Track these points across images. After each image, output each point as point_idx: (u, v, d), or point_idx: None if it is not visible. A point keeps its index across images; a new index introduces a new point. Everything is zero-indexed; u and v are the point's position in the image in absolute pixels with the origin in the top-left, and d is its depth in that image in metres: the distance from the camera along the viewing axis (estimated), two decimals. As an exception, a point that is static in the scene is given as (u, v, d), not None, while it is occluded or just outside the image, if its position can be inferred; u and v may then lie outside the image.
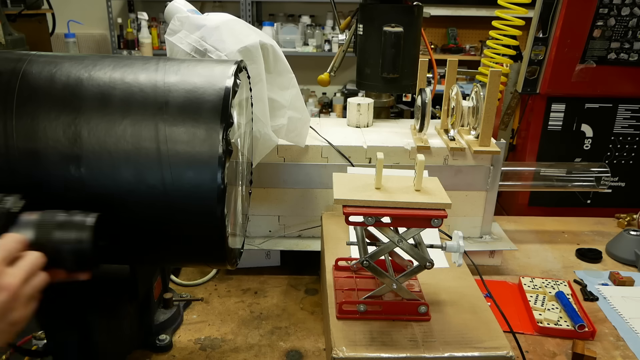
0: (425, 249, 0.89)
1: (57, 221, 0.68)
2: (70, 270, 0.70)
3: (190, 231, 0.78)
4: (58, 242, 0.67)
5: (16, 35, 2.65)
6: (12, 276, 0.61)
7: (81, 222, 0.68)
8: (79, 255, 0.68)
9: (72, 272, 0.70)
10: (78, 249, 0.68)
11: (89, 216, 0.69)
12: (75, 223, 0.68)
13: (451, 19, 4.47)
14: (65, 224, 0.68)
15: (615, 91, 1.69)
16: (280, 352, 1.04)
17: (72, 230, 0.68)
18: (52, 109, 0.75)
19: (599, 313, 1.17)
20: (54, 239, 0.67)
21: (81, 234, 0.68)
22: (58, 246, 0.67)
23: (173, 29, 1.15)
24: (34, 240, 0.66)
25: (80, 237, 0.68)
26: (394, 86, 1.54)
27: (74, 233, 0.68)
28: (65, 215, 0.69)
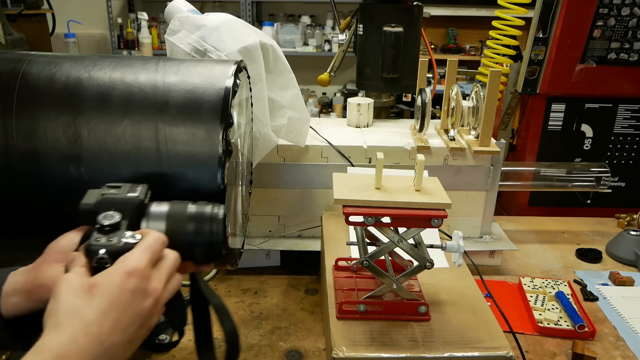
0: (425, 249, 0.89)
1: (189, 213, 0.66)
2: (199, 262, 0.68)
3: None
4: (190, 235, 0.65)
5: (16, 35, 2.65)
6: (157, 281, 0.59)
7: (214, 214, 0.67)
8: (211, 248, 0.66)
9: (200, 264, 0.69)
10: (210, 241, 0.66)
11: (220, 208, 0.67)
12: (207, 215, 0.66)
13: (451, 19, 4.47)
14: (197, 216, 0.66)
15: (615, 91, 1.69)
16: (280, 352, 1.04)
17: (206, 223, 0.66)
18: (52, 109, 0.75)
19: (599, 313, 1.17)
20: (187, 232, 0.65)
21: (214, 225, 0.66)
22: (190, 239, 0.65)
23: (173, 29, 1.15)
24: (166, 232, 0.64)
25: (213, 229, 0.66)
26: (394, 86, 1.54)
27: (207, 225, 0.66)
28: (196, 207, 0.67)
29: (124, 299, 0.55)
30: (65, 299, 0.54)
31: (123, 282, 0.56)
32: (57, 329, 0.52)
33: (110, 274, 0.56)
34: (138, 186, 0.66)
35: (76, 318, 0.53)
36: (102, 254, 0.58)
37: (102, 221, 0.60)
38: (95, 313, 0.53)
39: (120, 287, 0.55)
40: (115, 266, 0.57)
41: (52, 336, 0.51)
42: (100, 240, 0.59)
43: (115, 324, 0.54)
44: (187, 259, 0.66)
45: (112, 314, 0.54)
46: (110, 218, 0.61)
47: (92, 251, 0.58)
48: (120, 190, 0.65)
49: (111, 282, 0.55)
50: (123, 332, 0.55)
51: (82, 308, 0.53)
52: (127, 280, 0.56)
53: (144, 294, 0.57)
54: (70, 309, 0.53)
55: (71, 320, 0.52)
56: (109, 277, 0.56)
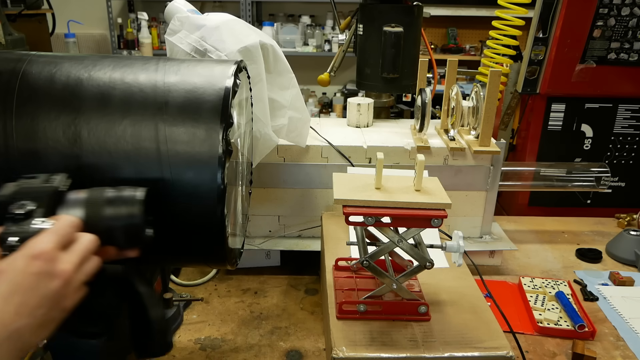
0: (425, 249, 0.89)
1: (106, 197, 0.66)
2: (121, 247, 0.68)
3: (190, 231, 0.78)
4: (109, 219, 0.65)
5: (16, 35, 2.65)
6: (66, 262, 0.59)
7: (131, 196, 0.67)
8: (130, 231, 0.66)
9: (123, 249, 0.69)
10: (130, 224, 0.66)
11: (138, 190, 0.68)
12: (126, 198, 0.66)
13: (451, 19, 4.47)
14: (115, 200, 0.66)
15: (615, 91, 1.69)
16: (280, 352, 1.04)
17: (123, 206, 0.66)
18: (52, 109, 0.75)
19: (599, 313, 1.17)
20: (105, 216, 0.65)
21: (132, 208, 0.66)
22: (109, 223, 0.65)
23: (173, 29, 1.15)
24: (84, 218, 0.64)
25: (132, 212, 0.66)
26: (394, 86, 1.54)
27: (125, 208, 0.66)
28: (114, 191, 0.67)
29: (27, 282, 0.56)
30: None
31: (26, 265, 0.56)
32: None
33: (14, 258, 0.57)
34: (56, 175, 0.67)
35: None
36: (12, 241, 0.58)
37: (14, 210, 0.60)
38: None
39: (23, 270, 0.56)
40: (20, 251, 0.57)
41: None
42: (12, 228, 0.59)
43: (20, 308, 0.54)
44: (108, 243, 0.66)
45: (15, 298, 0.54)
46: (23, 207, 0.61)
47: (2, 239, 0.59)
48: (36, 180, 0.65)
49: (14, 266, 0.56)
50: (30, 316, 0.55)
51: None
52: (31, 264, 0.56)
53: (50, 276, 0.57)
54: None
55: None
56: (12, 262, 0.56)
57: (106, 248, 0.66)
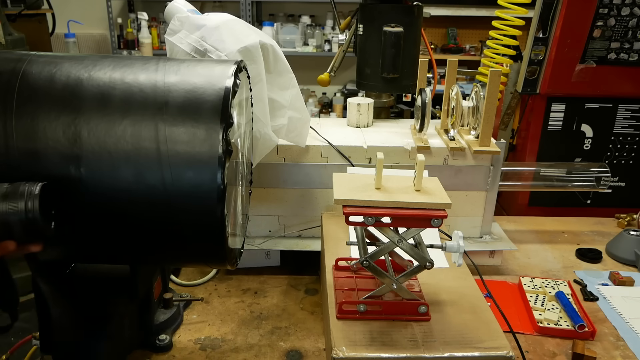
0: (425, 249, 0.89)
1: (1, 192, 0.67)
2: (20, 241, 0.69)
3: (190, 231, 0.78)
4: (5, 214, 0.66)
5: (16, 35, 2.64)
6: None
7: (27, 191, 0.68)
8: (28, 225, 0.67)
9: (22, 243, 0.69)
10: (26, 218, 0.67)
11: (35, 185, 0.69)
12: (21, 192, 0.68)
13: (451, 19, 4.47)
14: (10, 194, 0.67)
15: (615, 91, 1.69)
16: (280, 352, 1.04)
17: (19, 200, 0.67)
18: (52, 109, 0.75)
19: (599, 313, 1.17)
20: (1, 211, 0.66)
21: (28, 203, 0.67)
22: (5, 217, 0.66)
23: (173, 29, 1.15)
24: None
25: (28, 207, 0.67)
26: (394, 86, 1.53)
27: (21, 203, 0.67)
28: (9, 186, 0.68)
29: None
30: None
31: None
32: None
33: None
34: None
35: None
36: None
37: None
38: None
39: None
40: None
41: None
42: None
43: None
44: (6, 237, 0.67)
45: None
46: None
47: None
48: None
49: None
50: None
51: None
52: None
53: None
54: None
55: None
56: None
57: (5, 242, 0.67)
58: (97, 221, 0.77)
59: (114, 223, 0.76)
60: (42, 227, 0.68)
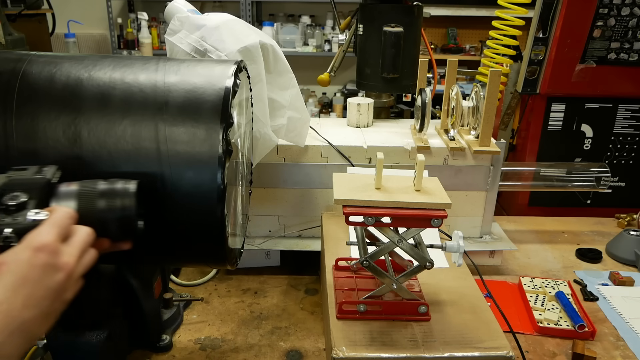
0: (425, 249, 0.89)
1: (99, 190, 0.66)
2: (114, 239, 0.68)
3: (190, 231, 0.78)
4: (102, 212, 0.66)
5: (16, 35, 2.65)
6: (68, 255, 0.59)
7: (124, 189, 0.67)
8: (123, 223, 0.67)
9: (116, 241, 0.69)
10: (123, 216, 0.66)
11: (131, 183, 0.68)
12: (118, 190, 0.67)
13: (451, 19, 4.47)
14: (107, 192, 0.66)
15: (615, 91, 1.69)
16: (280, 352, 1.04)
17: (116, 198, 0.66)
18: (52, 109, 0.75)
19: (599, 313, 1.17)
20: (98, 209, 0.66)
21: (125, 201, 0.66)
22: (102, 215, 0.66)
23: (173, 29, 1.15)
24: (77, 210, 0.64)
25: (124, 205, 0.66)
26: (394, 86, 1.53)
27: (118, 201, 0.66)
28: (106, 184, 0.67)
29: (34, 275, 0.56)
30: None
31: (31, 257, 0.56)
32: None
33: (17, 251, 0.57)
34: (46, 167, 0.67)
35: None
36: (7, 232, 0.58)
37: (6, 202, 0.61)
38: (5, 291, 0.54)
39: (29, 263, 0.56)
40: (22, 243, 0.57)
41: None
42: (5, 220, 0.59)
43: (27, 300, 0.55)
44: (102, 235, 0.66)
45: (23, 290, 0.55)
46: (15, 198, 0.61)
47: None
48: (27, 172, 0.66)
49: (19, 259, 0.56)
50: (36, 307, 0.56)
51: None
52: (36, 256, 0.56)
53: (54, 268, 0.58)
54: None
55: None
56: (16, 254, 0.56)
57: (100, 240, 0.67)
58: (97, 221, 0.77)
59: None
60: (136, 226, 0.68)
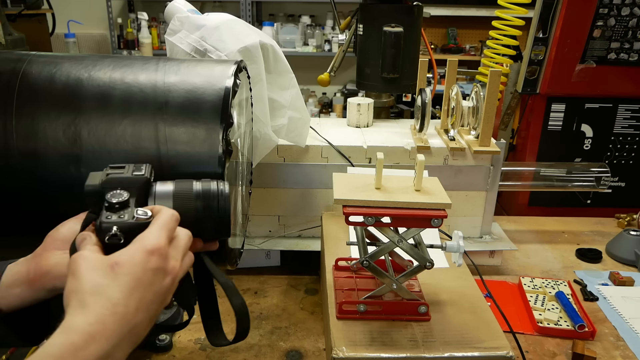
0: (425, 249, 0.89)
1: (195, 191, 0.66)
2: (207, 240, 0.68)
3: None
4: (199, 212, 0.65)
5: (16, 35, 2.65)
6: (175, 259, 0.59)
7: (220, 190, 0.67)
8: (219, 224, 0.66)
9: (208, 242, 0.69)
10: (218, 217, 0.66)
11: (225, 184, 0.67)
12: (214, 192, 0.66)
13: (451, 19, 4.47)
14: (204, 194, 0.66)
15: (615, 91, 1.69)
16: (280, 352, 1.04)
17: (213, 199, 0.66)
18: (52, 109, 0.75)
19: (599, 313, 1.17)
20: (195, 209, 0.65)
21: (220, 201, 0.66)
22: (199, 216, 0.65)
23: (173, 29, 1.15)
24: None
25: (220, 206, 0.66)
26: (394, 86, 1.54)
27: (214, 201, 0.66)
28: (202, 184, 0.67)
29: (147, 278, 0.55)
30: (89, 278, 0.53)
31: (145, 260, 0.55)
32: (83, 309, 0.51)
33: (132, 252, 0.56)
34: (142, 165, 0.66)
35: (102, 297, 0.52)
36: (115, 230, 0.58)
37: (110, 199, 0.60)
38: (120, 292, 0.53)
39: (143, 266, 0.55)
40: (135, 244, 0.57)
41: (78, 316, 0.51)
42: (111, 217, 0.59)
43: (140, 303, 0.54)
44: (196, 236, 0.66)
45: (137, 293, 0.54)
46: (118, 196, 0.60)
47: (104, 229, 0.58)
48: (125, 170, 0.65)
49: (134, 261, 0.55)
50: (146, 311, 0.55)
51: (107, 287, 0.53)
52: (149, 259, 0.56)
53: (164, 272, 0.57)
54: (95, 288, 0.53)
55: (97, 300, 0.52)
56: (131, 255, 0.56)
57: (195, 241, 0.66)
58: (97, 221, 0.77)
59: None
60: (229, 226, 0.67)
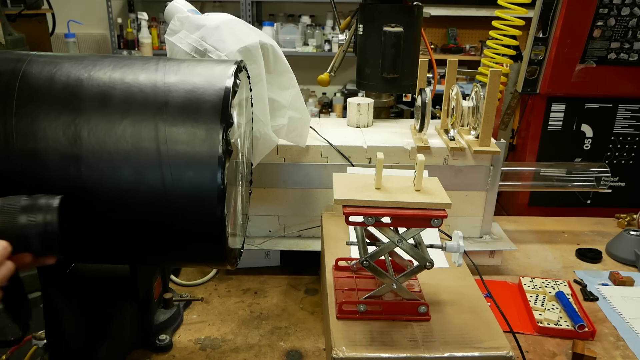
0: (425, 249, 0.89)
1: (21, 205, 0.67)
2: (37, 254, 0.68)
3: (190, 231, 0.78)
4: (24, 227, 0.66)
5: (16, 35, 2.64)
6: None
7: (47, 204, 0.67)
8: (46, 238, 0.67)
9: (39, 256, 0.69)
10: (45, 231, 0.66)
11: (54, 198, 0.68)
12: (41, 206, 0.67)
13: (451, 19, 4.47)
14: (29, 207, 0.67)
15: (615, 91, 1.69)
16: (280, 352, 1.04)
17: (38, 213, 0.66)
18: (52, 109, 0.75)
19: (599, 313, 1.17)
20: (20, 224, 0.66)
21: (47, 216, 0.67)
22: (24, 230, 0.66)
23: (173, 29, 1.15)
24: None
25: (47, 220, 0.66)
26: (394, 86, 1.53)
27: (40, 216, 0.66)
28: (28, 199, 0.68)
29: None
30: None
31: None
32: None
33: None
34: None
35: None
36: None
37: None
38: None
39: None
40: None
41: None
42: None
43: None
44: (23, 250, 0.66)
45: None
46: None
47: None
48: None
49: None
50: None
51: None
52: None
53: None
54: None
55: None
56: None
57: (22, 255, 0.67)
58: (97, 221, 0.77)
59: (113, 223, 0.76)
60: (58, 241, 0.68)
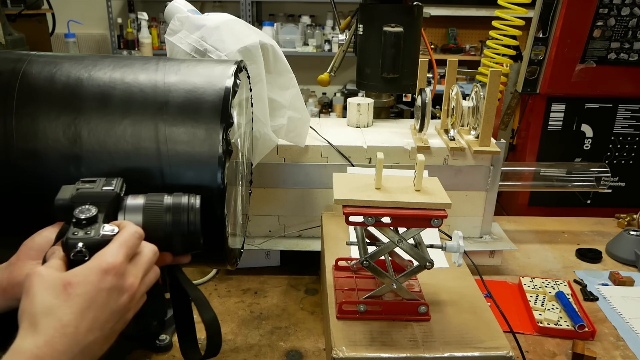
0: (425, 249, 0.89)
1: (166, 205, 0.66)
2: (177, 254, 0.68)
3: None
4: (169, 226, 0.65)
5: (16, 35, 2.65)
6: (134, 277, 0.59)
7: (191, 204, 0.67)
8: (189, 238, 0.66)
9: (179, 255, 0.69)
10: (188, 231, 0.66)
11: (196, 198, 0.68)
12: (185, 206, 0.67)
13: (451, 19, 4.47)
14: (174, 207, 0.66)
15: (615, 91, 1.69)
16: (280, 352, 1.04)
17: (183, 213, 0.66)
18: (52, 109, 0.75)
19: (599, 313, 1.17)
20: (164, 223, 0.65)
21: (191, 215, 0.66)
22: (169, 230, 0.65)
23: (173, 29, 1.15)
24: (143, 224, 0.64)
25: (190, 220, 0.66)
26: (394, 86, 1.54)
27: (184, 215, 0.66)
28: (173, 198, 0.67)
29: (101, 298, 0.55)
30: (41, 298, 0.53)
31: (99, 280, 0.55)
32: (33, 330, 0.51)
33: (86, 271, 0.56)
34: (113, 180, 0.66)
35: (52, 319, 0.52)
36: (80, 247, 0.58)
37: (78, 215, 0.60)
38: (71, 314, 0.53)
39: (96, 286, 0.55)
40: (91, 262, 0.57)
41: (28, 338, 0.51)
42: (78, 234, 0.59)
43: (92, 323, 0.54)
44: (165, 250, 0.66)
45: (89, 314, 0.54)
46: (86, 212, 0.61)
47: (70, 245, 0.58)
48: (95, 184, 0.65)
49: (87, 281, 0.55)
50: (100, 330, 0.55)
51: (58, 308, 0.53)
52: (104, 279, 0.55)
53: (120, 291, 0.57)
54: (46, 309, 0.52)
55: (47, 321, 0.52)
56: (85, 275, 0.55)
57: (163, 254, 0.66)
58: (97, 221, 0.77)
59: None
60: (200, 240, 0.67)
